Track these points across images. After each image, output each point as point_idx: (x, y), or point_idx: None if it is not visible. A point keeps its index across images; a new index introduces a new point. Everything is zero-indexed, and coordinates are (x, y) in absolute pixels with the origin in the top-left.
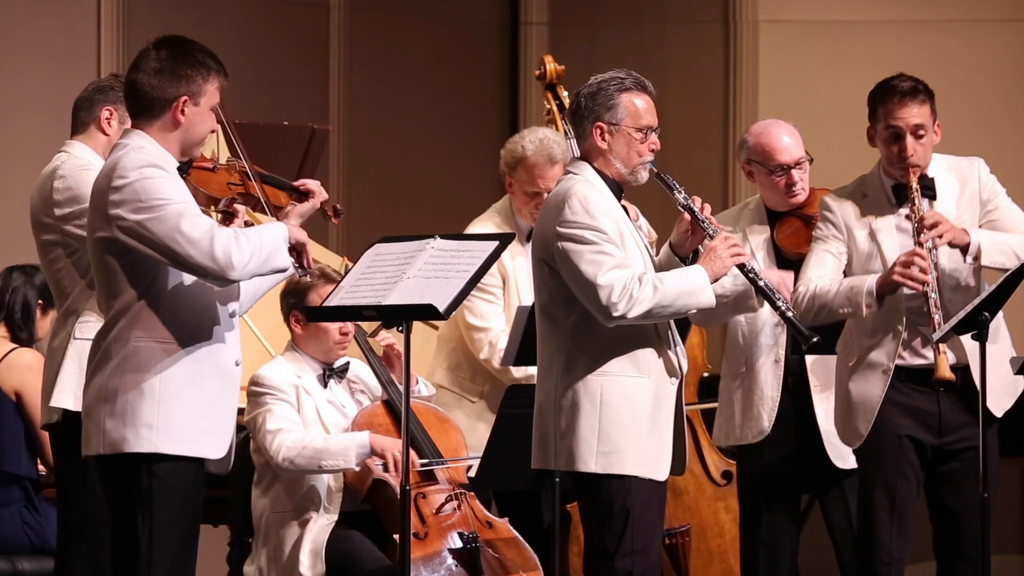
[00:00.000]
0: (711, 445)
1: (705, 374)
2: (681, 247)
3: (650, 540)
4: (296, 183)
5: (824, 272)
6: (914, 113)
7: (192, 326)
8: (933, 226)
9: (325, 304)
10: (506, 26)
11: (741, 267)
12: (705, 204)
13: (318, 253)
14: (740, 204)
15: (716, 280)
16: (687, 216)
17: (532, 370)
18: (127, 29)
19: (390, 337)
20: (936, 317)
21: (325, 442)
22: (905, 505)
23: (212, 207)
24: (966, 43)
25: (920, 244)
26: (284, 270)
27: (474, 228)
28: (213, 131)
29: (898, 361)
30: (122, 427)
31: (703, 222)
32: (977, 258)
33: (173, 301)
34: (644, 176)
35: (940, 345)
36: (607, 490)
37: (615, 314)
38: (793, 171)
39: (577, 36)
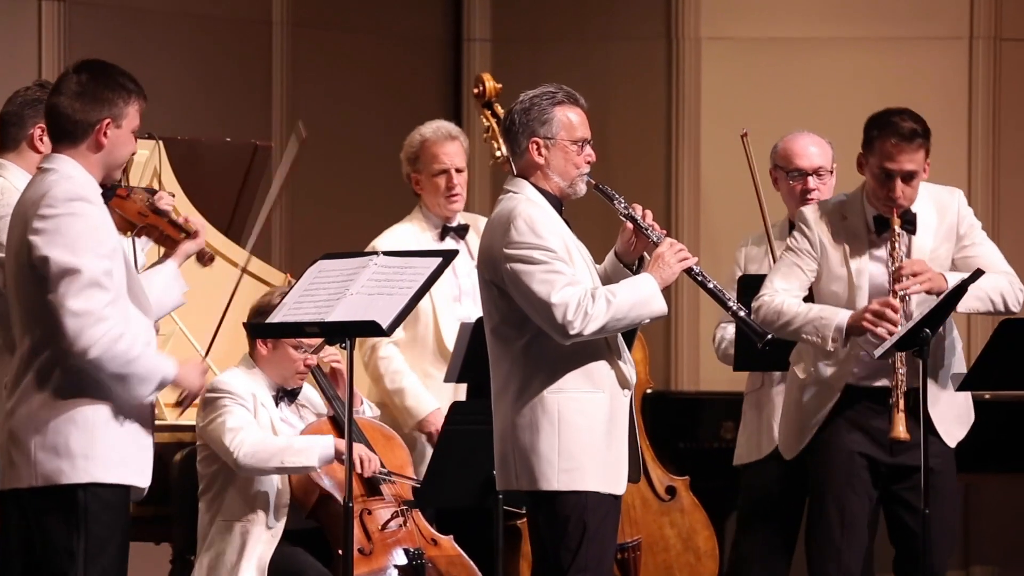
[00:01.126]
0: (655, 460)
1: (648, 390)
2: (626, 255)
3: (603, 556)
4: (183, 222)
5: (791, 287)
6: (909, 159)
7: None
8: (913, 275)
9: (268, 320)
10: (449, 42)
11: (689, 271)
12: (646, 211)
13: (261, 270)
14: (756, 233)
15: (666, 286)
16: (629, 225)
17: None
18: (68, 47)
19: (335, 355)
20: (900, 372)
21: (288, 440)
22: (856, 519)
23: (128, 232)
24: (909, 61)
25: (895, 292)
26: (137, 399)
27: (390, 233)
28: (134, 153)
29: (850, 380)
30: (56, 458)
31: (646, 229)
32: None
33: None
34: (583, 188)
35: (900, 403)
36: (565, 506)
37: (572, 332)
38: (810, 177)
39: (521, 52)
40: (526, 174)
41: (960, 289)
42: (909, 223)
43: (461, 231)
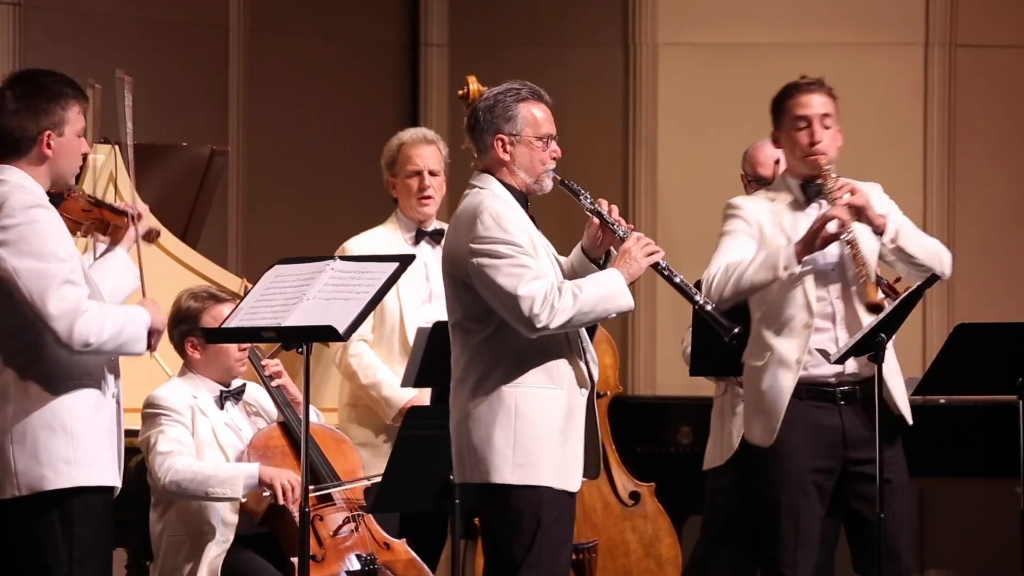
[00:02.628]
0: (620, 465)
1: (611, 393)
2: (592, 250)
3: (557, 553)
4: (126, 207)
5: (735, 256)
6: (821, 102)
7: (91, 361)
8: (851, 192)
9: (224, 325)
10: (407, 47)
11: (656, 265)
12: (612, 206)
13: (216, 274)
14: None
15: (632, 281)
16: (595, 220)
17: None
18: (23, 51)
19: (276, 364)
20: (864, 267)
21: (214, 469)
22: (810, 525)
23: (77, 232)
24: (865, 66)
25: (832, 209)
26: (137, 354)
27: (361, 237)
28: (86, 154)
29: (801, 372)
30: (37, 466)
31: (612, 224)
32: (895, 240)
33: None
34: (548, 184)
35: (870, 276)
36: (518, 500)
37: (538, 325)
38: None
39: (477, 57)
40: (492, 170)
41: (916, 294)
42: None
43: (436, 236)
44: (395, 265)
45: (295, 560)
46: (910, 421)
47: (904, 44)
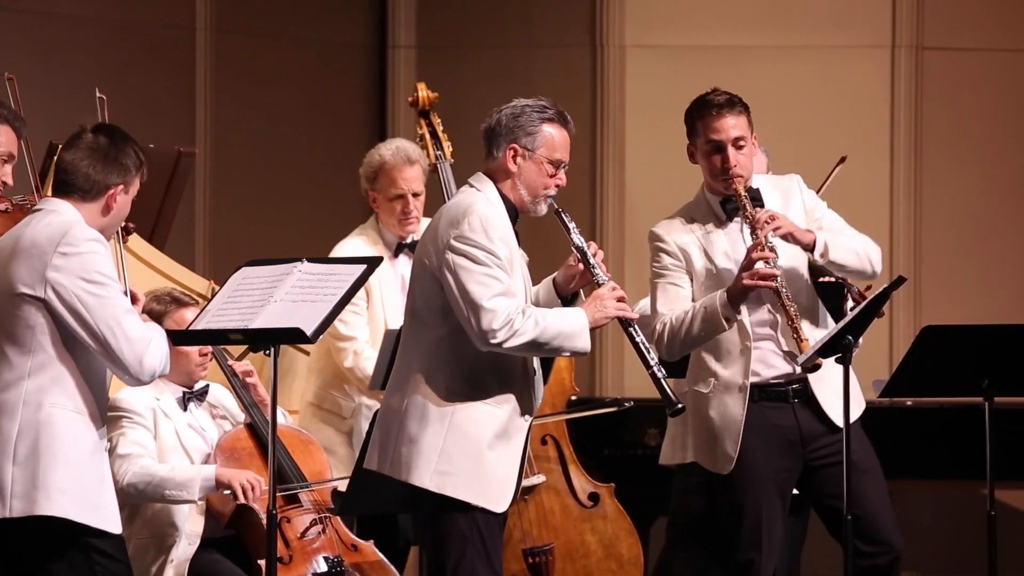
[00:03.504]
0: (578, 467)
1: (573, 396)
2: (564, 287)
3: (488, 558)
4: None
5: (675, 306)
6: (732, 125)
7: (97, 398)
8: (770, 220)
9: (191, 327)
10: (374, 49)
11: (621, 321)
12: (599, 251)
13: (184, 277)
14: None
15: (596, 328)
16: (578, 259)
17: None
18: None
19: (246, 364)
20: (791, 309)
21: (171, 472)
22: (773, 526)
23: None
24: (832, 69)
25: (757, 244)
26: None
27: (341, 248)
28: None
29: (751, 378)
30: (33, 490)
31: (593, 267)
32: (824, 255)
33: (86, 372)
34: (544, 209)
35: (801, 333)
36: (432, 507)
37: (493, 340)
38: None
39: (445, 59)
40: (494, 176)
41: (883, 296)
42: (755, 199)
43: (415, 247)
44: (363, 267)
45: (262, 562)
46: (839, 424)
47: (871, 47)
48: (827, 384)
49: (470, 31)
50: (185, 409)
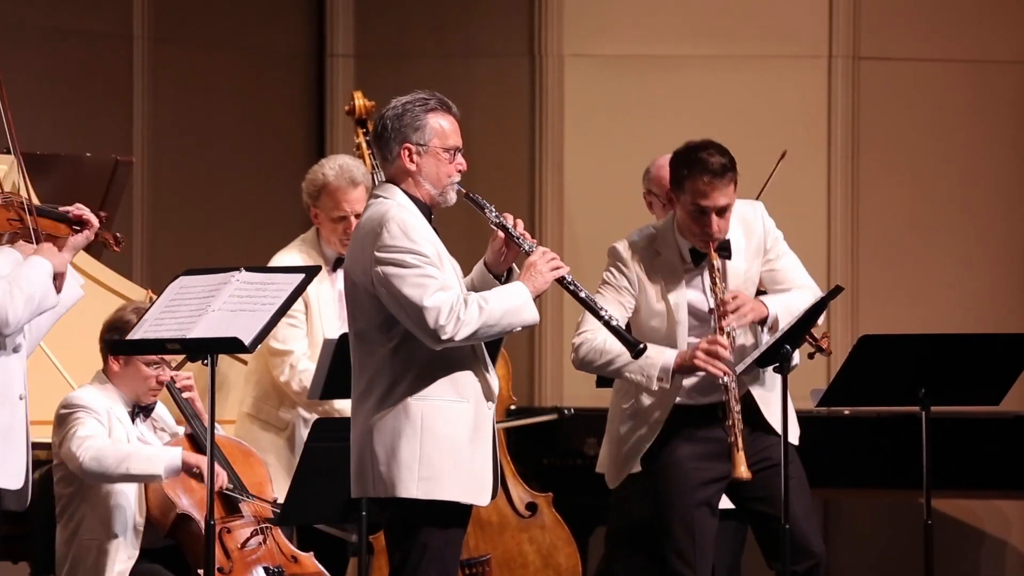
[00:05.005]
0: (515, 476)
1: (512, 406)
2: (496, 265)
3: (445, 572)
4: (71, 213)
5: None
6: (722, 194)
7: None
8: (736, 310)
9: (129, 337)
10: (312, 58)
11: (561, 280)
12: (518, 220)
13: (122, 287)
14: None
15: (538, 295)
16: (500, 234)
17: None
18: None
19: (188, 379)
20: (735, 410)
21: (136, 447)
22: (704, 535)
23: None
24: (769, 79)
25: (721, 330)
26: (54, 307)
27: (279, 259)
28: None
29: (687, 401)
30: None
31: (517, 238)
32: (773, 328)
33: None
34: (453, 197)
35: (739, 443)
36: (424, 515)
37: (443, 336)
38: None
39: (383, 68)
40: (396, 180)
41: (820, 306)
42: (724, 250)
43: None
44: (301, 276)
45: (201, 572)
46: (778, 429)
47: (807, 56)
48: (763, 391)
49: (409, 40)
50: (132, 422)
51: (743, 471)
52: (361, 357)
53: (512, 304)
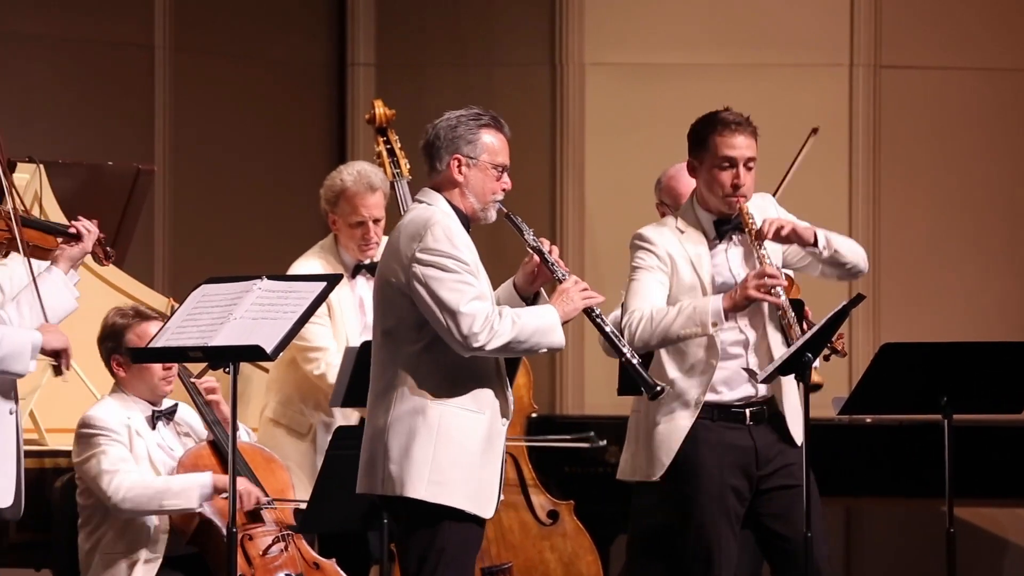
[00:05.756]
0: (537, 484)
1: (533, 415)
2: (525, 288)
3: (462, 574)
4: (69, 225)
5: (654, 300)
6: (747, 144)
7: None
8: (778, 231)
9: (150, 345)
10: (333, 67)
11: (589, 311)
12: (553, 247)
13: (143, 294)
14: None
15: (566, 321)
16: (535, 258)
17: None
18: None
19: (211, 381)
20: (795, 329)
21: (166, 482)
22: (728, 544)
23: None
24: (790, 88)
25: (761, 259)
26: (21, 375)
27: (298, 266)
28: None
29: (712, 396)
30: None
31: (552, 264)
32: (828, 247)
33: None
34: (493, 215)
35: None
36: (429, 518)
37: (475, 344)
38: None
39: (404, 78)
40: (441, 189)
41: (841, 313)
42: (738, 231)
43: (373, 268)
44: (323, 285)
45: None
46: (799, 442)
47: (829, 65)
48: (790, 401)
49: (430, 49)
50: (154, 428)
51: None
52: (386, 355)
53: (542, 324)
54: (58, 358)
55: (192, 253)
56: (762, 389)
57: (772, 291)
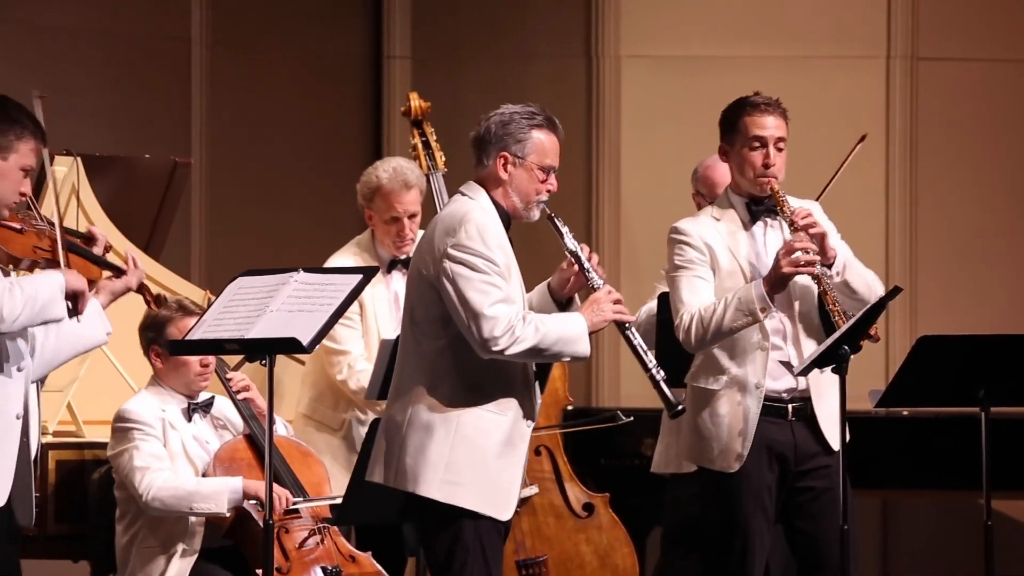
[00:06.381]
0: (573, 477)
1: (569, 407)
2: (559, 291)
3: (488, 570)
4: (117, 263)
5: (702, 298)
6: (776, 124)
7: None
8: (809, 225)
9: (187, 338)
10: (369, 60)
11: (618, 324)
12: (592, 254)
13: (179, 286)
14: None
15: (594, 331)
16: (572, 263)
17: None
18: None
19: (243, 378)
20: (831, 294)
21: (197, 484)
22: (763, 541)
23: (11, 266)
24: (827, 80)
25: (796, 235)
26: (59, 320)
27: (334, 261)
28: (23, 195)
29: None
30: None
31: (588, 271)
32: (840, 274)
33: None
34: (536, 215)
35: (841, 321)
36: (440, 517)
37: (494, 348)
38: None
39: (440, 70)
40: (485, 185)
41: (879, 306)
42: (772, 213)
43: (408, 264)
44: (359, 277)
45: (260, 572)
46: (835, 447)
47: (866, 57)
48: (826, 404)
49: (465, 42)
50: (190, 420)
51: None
52: (410, 347)
53: (568, 333)
54: (76, 300)
55: (228, 246)
56: (802, 383)
57: (806, 265)
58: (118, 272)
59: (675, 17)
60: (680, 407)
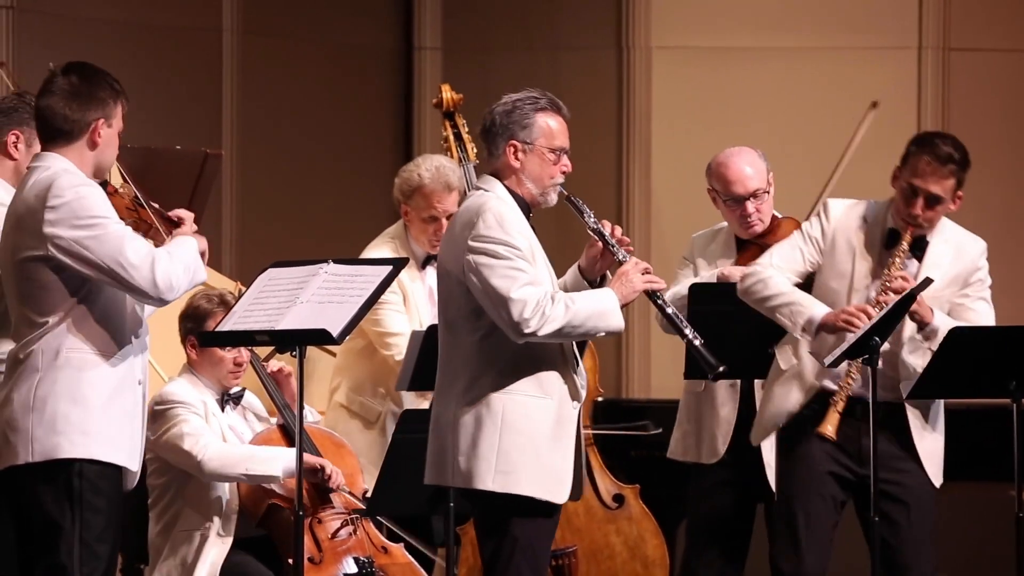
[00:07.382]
0: (603, 468)
1: (599, 399)
2: (590, 271)
3: (536, 564)
4: (169, 213)
5: (785, 267)
6: (937, 182)
7: (119, 340)
8: (897, 289)
9: (218, 329)
10: (400, 51)
11: (650, 293)
12: (616, 228)
13: (211, 278)
14: (715, 227)
15: (625, 304)
16: (596, 240)
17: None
18: (18, 54)
19: (280, 363)
20: (852, 376)
21: (253, 449)
22: (821, 524)
23: None
24: (858, 71)
25: (877, 301)
26: (204, 281)
27: (369, 253)
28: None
29: (826, 382)
30: (54, 434)
31: (612, 246)
32: (929, 338)
33: (104, 315)
34: (554, 198)
35: (839, 405)
36: (499, 508)
37: (526, 330)
38: (747, 203)
39: (470, 62)
40: (499, 175)
41: (910, 297)
42: (919, 250)
43: None
44: (389, 268)
45: (292, 562)
46: (937, 483)
47: (897, 48)
48: (931, 442)
49: (496, 33)
50: (223, 410)
51: (829, 430)
52: (448, 346)
53: (598, 308)
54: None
55: (259, 237)
56: (883, 394)
57: (850, 326)
58: (175, 225)
59: (706, 8)
60: (721, 368)
